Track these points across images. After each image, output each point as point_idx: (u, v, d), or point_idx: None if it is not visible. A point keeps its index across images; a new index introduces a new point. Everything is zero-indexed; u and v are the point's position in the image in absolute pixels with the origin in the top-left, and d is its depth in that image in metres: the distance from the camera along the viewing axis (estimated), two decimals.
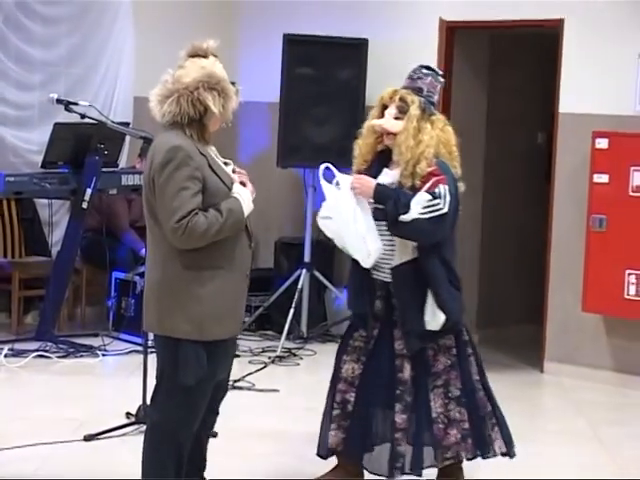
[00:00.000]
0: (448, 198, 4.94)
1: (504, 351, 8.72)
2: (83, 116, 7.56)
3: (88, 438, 6.03)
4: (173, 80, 4.59)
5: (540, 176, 8.57)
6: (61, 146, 8.29)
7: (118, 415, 6.24)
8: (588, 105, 7.89)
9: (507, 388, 7.73)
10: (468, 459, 5.18)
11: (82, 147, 8.13)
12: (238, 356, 7.02)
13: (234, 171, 4.73)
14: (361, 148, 5.29)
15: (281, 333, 8.37)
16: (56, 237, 8.84)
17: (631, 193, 7.54)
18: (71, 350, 7.99)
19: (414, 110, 5.06)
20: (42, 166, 8.39)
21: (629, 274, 7.52)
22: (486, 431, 5.17)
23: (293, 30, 8.78)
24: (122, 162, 8.83)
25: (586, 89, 7.93)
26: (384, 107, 5.18)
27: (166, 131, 4.61)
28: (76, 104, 7.49)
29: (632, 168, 7.52)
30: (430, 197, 4.90)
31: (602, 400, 7.54)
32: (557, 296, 8.12)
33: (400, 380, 5.09)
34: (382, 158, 5.20)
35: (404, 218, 4.88)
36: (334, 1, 9.12)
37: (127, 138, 8.50)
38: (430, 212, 4.89)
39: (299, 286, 8.64)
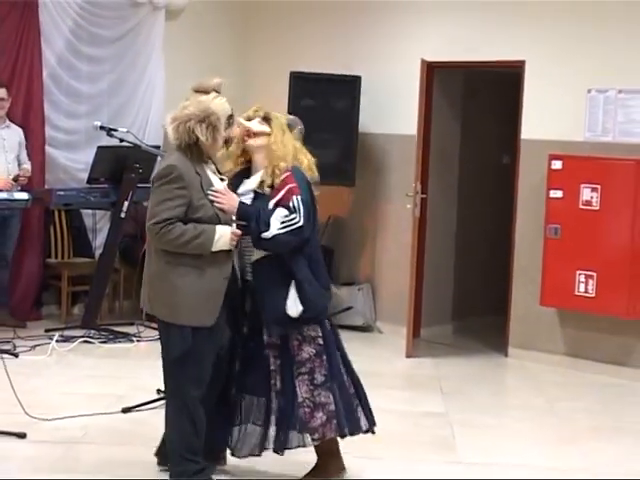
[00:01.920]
0: (302, 210, 4.71)
1: (474, 338, 8.73)
2: (122, 140, 7.59)
3: (125, 410, 6.07)
4: (179, 110, 4.66)
5: (505, 191, 8.56)
6: (103, 165, 8.31)
7: (150, 391, 6.25)
8: (545, 132, 7.89)
9: (476, 370, 7.78)
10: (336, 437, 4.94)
11: (121, 166, 8.14)
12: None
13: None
14: (230, 155, 4.98)
15: None
16: (99, 241, 8.88)
17: (581, 206, 7.52)
18: (111, 337, 8.01)
19: (281, 119, 4.97)
20: (87, 182, 8.42)
21: (579, 274, 7.52)
22: (351, 411, 4.94)
23: (298, 68, 8.80)
24: None
25: (544, 118, 7.92)
26: (249, 121, 4.95)
27: (172, 152, 4.70)
28: (116, 130, 7.51)
29: (582, 185, 7.51)
30: (287, 212, 4.69)
31: (557, 380, 7.54)
32: (519, 292, 8.11)
33: (270, 369, 4.89)
34: (243, 171, 4.97)
35: (265, 235, 4.66)
36: (332, 44, 9.13)
37: (158, 158, 8.50)
38: (288, 226, 4.67)
39: None
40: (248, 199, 4.82)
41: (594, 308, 7.50)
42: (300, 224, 4.70)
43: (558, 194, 7.64)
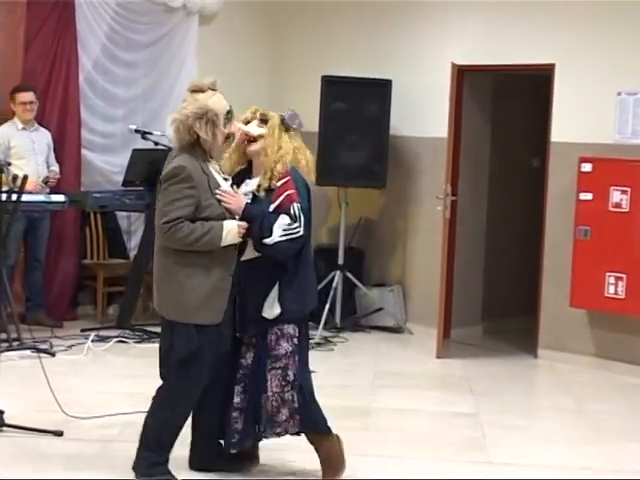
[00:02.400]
0: (302, 219, 4.73)
1: (504, 340, 8.71)
2: (156, 143, 7.68)
3: None
4: (178, 111, 4.69)
5: (535, 193, 8.55)
6: (138, 168, 8.36)
7: None
8: (575, 135, 7.87)
9: (506, 371, 7.77)
10: (296, 433, 4.93)
11: (155, 169, 8.02)
12: None
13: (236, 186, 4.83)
14: (227, 160, 4.98)
15: (319, 324, 8.36)
16: (133, 243, 8.93)
17: (610, 208, 7.51)
18: (145, 337, 8.03)
19: (274, 121, 4.88)
20: (122, 185, 8.47)
21: (609, 276, 7.50)
22: (310, 411, 4.90)
23: (329, 71, 8.82)
24: None
25: (573, 121, 7.90)
26: (247, 124, 4.93)
27: (180, 154, 4.71)
28: (151, 133, 7.59)
29: (612, 188, 7.50)
30: (289, 221, 4.70)
31: (586, 381, 7.51)
32: (549, 293, 8.09)
33: (242, 365, 4.89)
34: (244, 171, 4.97)
35: (267, 242, 4.68)
36: (363, 48, 9.15)
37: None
38: (289, 234, 4.69)
39: (334, 285, 8.66)
40: (247, 201, 4.82)
41: (624, 310, 7.47)
42: (301, 233, 4.73)
43: (588, 196, 7.62)
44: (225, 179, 4.83)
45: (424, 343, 8.28)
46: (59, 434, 5.52)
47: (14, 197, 6.59)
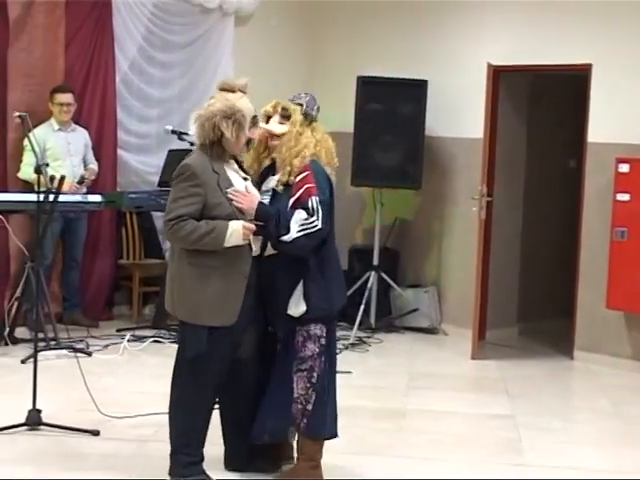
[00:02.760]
0: (321, 212, 4.62)
1: (539, 341, 8.68)
2: (192, 144, 7.63)
3: None
4: (204, 108, 4.67)
5: (572, 194, 8.50)
6: (174, 168, 8.25)
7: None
8: (612, 135, 7.81)
9: (542, 372, 7.73)
10: (310, 438, 4.84)
11: None
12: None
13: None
14: (249, 157, 4.93)
15: (354, 324, 8.36)
16: (168, 243, 8.93)
17: None
18: None
19: (296, 116, 4.80)
20: (158, 185, 8.51)
21: None
22: (317, 418, 4.79)
23: (365, 72, 8.81)
24: None
25: (611, 122, 7.85)
26: (269, 118, 4.88)
27: (194, 151, 4.73)
28: (186, 134, 7.60)
29: None
30: (306, 215, 4.60)
31: (623, 383, 7.46)
32: (585, 295, 8.04)
33: (274, 362, 4.86)
34: (269, 168, 4.92)
35: (285, 239, 4.58)
36: (399, 48, 9.13)
37: None
38: (307, 229, 4.59)
39: (369, 285, 8.64)
40: (267, 197, 4.78)
41: None
42: (318, 227, 4.62)
43: (625, 197, 7.57)
44: (244, 178, 4.78)
45: (459, 344, 8.25)
46: (96, 433, 5.55)
47: (51, 198, 6.66)
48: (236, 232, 4.57)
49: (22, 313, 7.59)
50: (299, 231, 4.60)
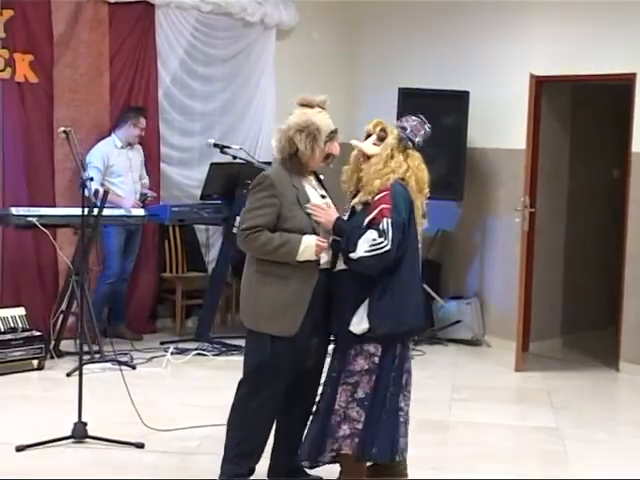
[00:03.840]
0: (391, 234, 4.56)
1: (584, 352, 8.60)
2: (234, 157, 7.72)
3: None
4: (284, 122, 4.73)
5: (615, 204, 8.43)
6: (216, 182, 8.41)
7: None
8: None
9: (587, 384, 7.65)
10: (355, 457, 4.71)
11: (233, 182, 8.21)
12: None
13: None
14: (345, 173, 4.91)
15: None
16: (211, 256, 9.01)
17: None
18: (223, 349, 8.08)
19: (391, 139, 4.77)
20: (200, 198, 8.53)
21: None
22: (372, 437, 4.68)
23: (406, 83, 8.80)
24: None
25: None
26: (369, 136, 4.85)
27: (273, 164, 4.81)
28: (228, 147, 7.63)
29: None
30: (376, 236, 4.55)
31: None
32: (630, 305, 7.95)
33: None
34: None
35: (352, 256, 4.57)
36: (440, 60, 9.11)
37: None
38: (374, 250, 4.54)
39: None
40: (344, 215, 4.80)
41: None
42: (387, 249, 4.56)
43: None
44: (322, 196, 4.80)
45: (502, 356, 8.20)
46: (140, 446, 5.57)
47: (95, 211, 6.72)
48: (309, 248, 4.59)
49: (67, 326, 7.65)
50: (367, 251, 4.57)
